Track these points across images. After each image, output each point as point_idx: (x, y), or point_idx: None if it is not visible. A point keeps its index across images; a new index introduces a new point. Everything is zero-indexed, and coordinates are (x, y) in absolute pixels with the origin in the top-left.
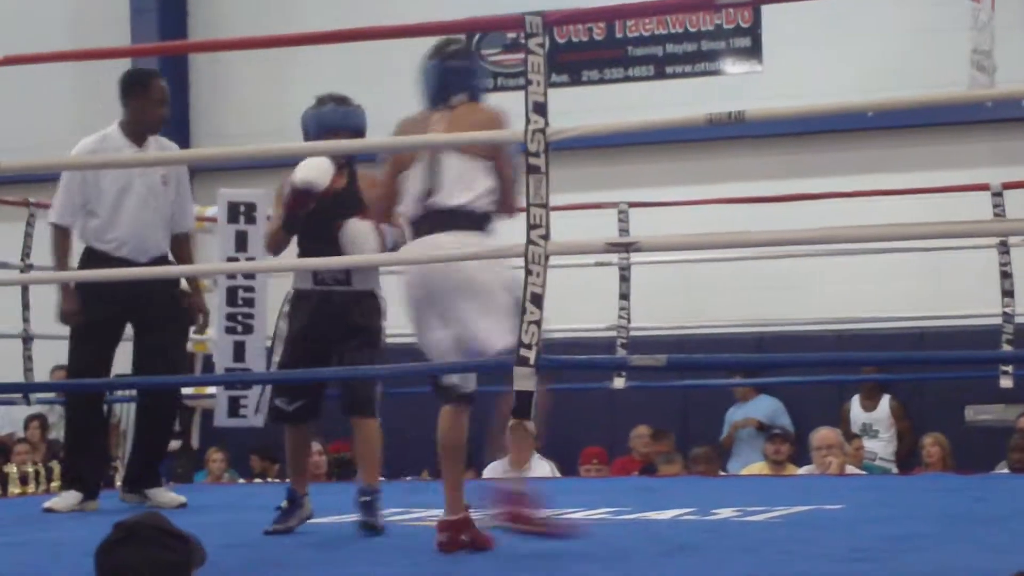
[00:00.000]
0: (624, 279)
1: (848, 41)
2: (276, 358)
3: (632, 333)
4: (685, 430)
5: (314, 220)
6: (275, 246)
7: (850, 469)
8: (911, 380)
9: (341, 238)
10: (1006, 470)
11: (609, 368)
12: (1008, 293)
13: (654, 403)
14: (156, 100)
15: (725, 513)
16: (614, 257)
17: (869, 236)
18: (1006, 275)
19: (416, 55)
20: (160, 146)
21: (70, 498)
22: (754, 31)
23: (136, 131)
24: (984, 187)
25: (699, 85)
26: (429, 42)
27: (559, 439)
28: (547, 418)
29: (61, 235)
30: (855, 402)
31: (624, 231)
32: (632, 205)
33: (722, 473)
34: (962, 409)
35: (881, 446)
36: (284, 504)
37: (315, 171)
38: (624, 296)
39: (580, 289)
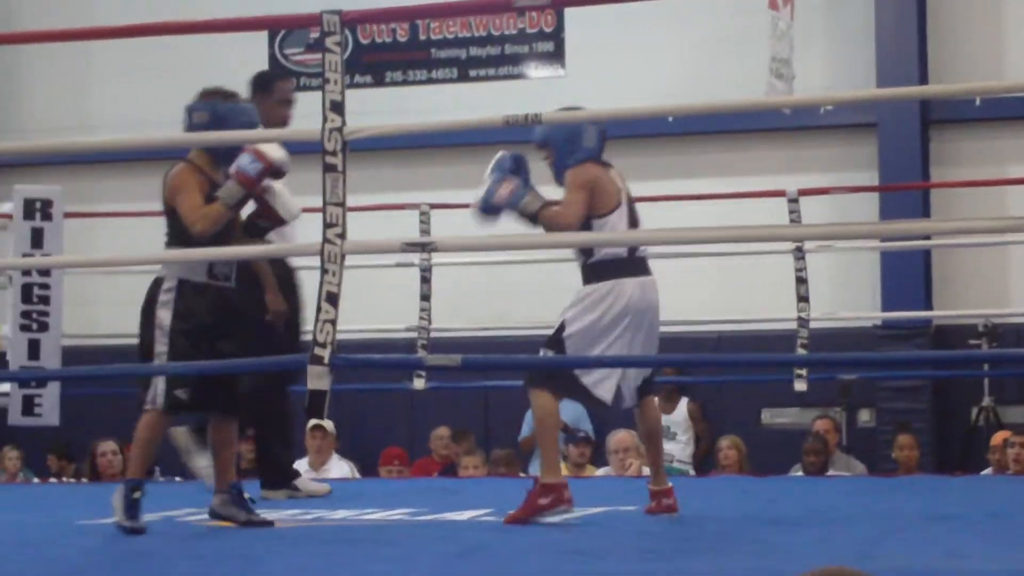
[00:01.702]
0: (425, 280)
1: (651, 47)
2: (161, 348)
3: (436, 335)
4: (486, 431)
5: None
6: (215, 225)
7: (648, 471)
8: (709, 383)
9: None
10: (800, 473)
11: (405, 368)
12: (803, 298)
13: (455, 404)
14: (278, 101)
15: None
16: (416, 258)
17: (667, 239)
18: (801, 280)
19: (213, 50)
20: None
21: None
22: (557, 36)
23: None
24: (780, 194)
25: (503, 88)
26: (230, 37)
27: (359, 440)
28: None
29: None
30: None
31: (425, 232)
32: (433, 207)
33: (523, 475)
34: (759, 412)
35: (679, 448)
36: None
37: (284, 153)
38: (425, 297)
39: (384, 290)
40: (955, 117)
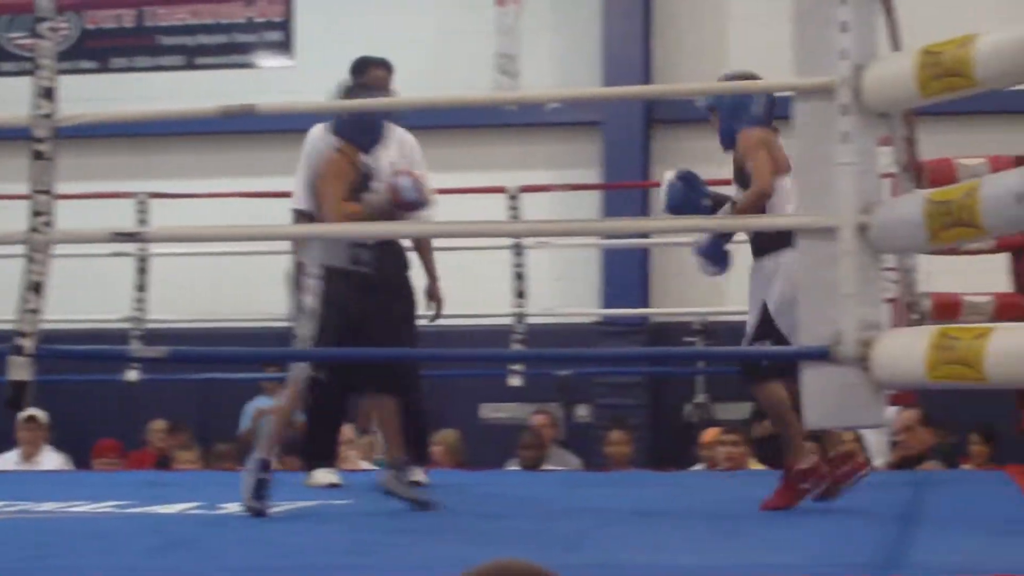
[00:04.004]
0: (141, 271)
1: (379, 40)
2: (306, 332)
3: (158, 326)
4: (204, 424)
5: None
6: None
7: (364, 465)
8: (428, 377)
9: None
10: (517, 467)
11: (109, 359)
12: (520, 294)
13: (172, 396)
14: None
15: (232, 508)
16: (134, 248)
17: (379, 234)
18: (519, 276)
19: None
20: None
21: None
22: (286, 25)
23: None
24: (501, 190)
25: (231, 77)
26: None
27: (74, 431)
28: None
29: None
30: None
31: (143, 221)
32: (153, 196)
33: (239, 469)
34: (477, 407)
35: None
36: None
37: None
38: (140, 288)
39: (113, 278)
40: (677, 117)
